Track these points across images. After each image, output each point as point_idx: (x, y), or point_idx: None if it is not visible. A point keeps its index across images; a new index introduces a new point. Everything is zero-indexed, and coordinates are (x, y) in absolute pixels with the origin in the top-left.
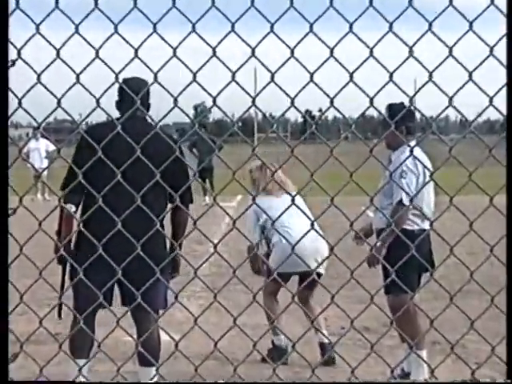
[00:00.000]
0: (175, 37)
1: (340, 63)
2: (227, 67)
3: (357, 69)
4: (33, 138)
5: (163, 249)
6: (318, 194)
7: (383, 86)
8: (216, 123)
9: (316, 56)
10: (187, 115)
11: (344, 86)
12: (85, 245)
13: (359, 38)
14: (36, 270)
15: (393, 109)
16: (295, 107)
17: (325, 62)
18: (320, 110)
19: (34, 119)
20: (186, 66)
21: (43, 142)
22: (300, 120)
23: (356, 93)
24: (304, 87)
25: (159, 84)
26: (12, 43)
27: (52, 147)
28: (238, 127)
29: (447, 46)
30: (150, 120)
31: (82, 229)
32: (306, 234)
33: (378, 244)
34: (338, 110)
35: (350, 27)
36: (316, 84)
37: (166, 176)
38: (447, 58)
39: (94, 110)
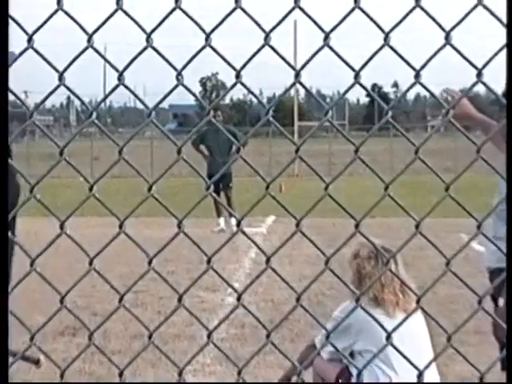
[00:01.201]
0: None
1: (430, 16)
2: (259, 25)
3: (457, 24)
4: None
5: None
6: (391, 213)
7: (499, 50)
8: (234, 106)
9: (383, 11)
10: (195, 95)
11: (438, 50)
12: None
13: None
14: None
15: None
16: (360, 84)
17: (409, 13)
18: (395, 85)
19: None
20: (195, 22)
21: None
22: (363, 101)
23: (450, 60)
24: (377, 52)
25: (154, 50)
26: None
27: None
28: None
29: None
30: None
31: None
32: None
33: (501, 303)
34: (425, 87)
35: None
36: (392, 48)
37: None
38: None
39: (57, 88)
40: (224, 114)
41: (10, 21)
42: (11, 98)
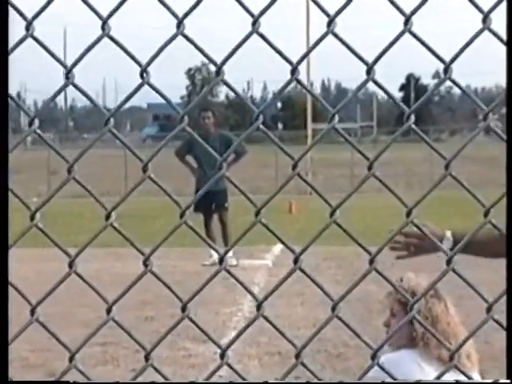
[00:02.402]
0: None
1: None
2: (245, 8)
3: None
4: None
5: None
6: None
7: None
8: (230, 105)
9: None
10: (165, 98)
11: (474, 38)
12: None
13: None
14: None
15: None
16: (375, 82)
17: None
18: (437, 76)
19: None
20: (164, 4)
21: None
22: (396, 96)
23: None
24: (395, 41)
25: (111, 39)
26: None
27: None
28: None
29: None
30: None
31: None
32: None
33: None
34: (457, 84)
35: None
36: (414, 35)
37: None
38: None
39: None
40: (217, 114)
41: None
42: None
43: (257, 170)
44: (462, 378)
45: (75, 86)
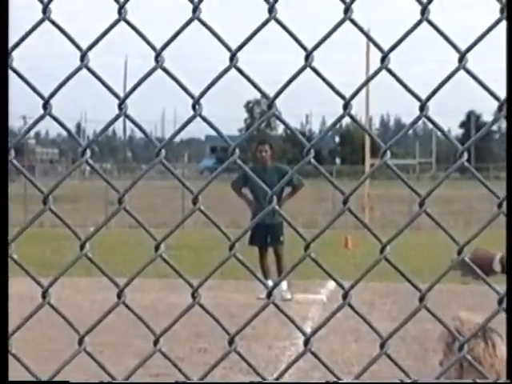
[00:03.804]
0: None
1: None
2: (298, 42)
3: None
4: None
5: None
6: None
7: None
8: (288, 138)
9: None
10: (217, 130)
11: None
12: None
13: None
14: None
15: None
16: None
17: (493, 27)
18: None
19: None
20: (217, 36)
21: None
22: (456, 132)
23: None
24: (449, 78)
25: (165, 71)
26: None
27: None
28: (337, 148)
29: None
30: None
31: None
32: None
33: None
34: None
35: None
36: (469, 72)
37: None
38: None
39: (43, 117)
40: (274, 148)
41: None
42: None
43: (314, 204)
44: None
45: (128, 117)
